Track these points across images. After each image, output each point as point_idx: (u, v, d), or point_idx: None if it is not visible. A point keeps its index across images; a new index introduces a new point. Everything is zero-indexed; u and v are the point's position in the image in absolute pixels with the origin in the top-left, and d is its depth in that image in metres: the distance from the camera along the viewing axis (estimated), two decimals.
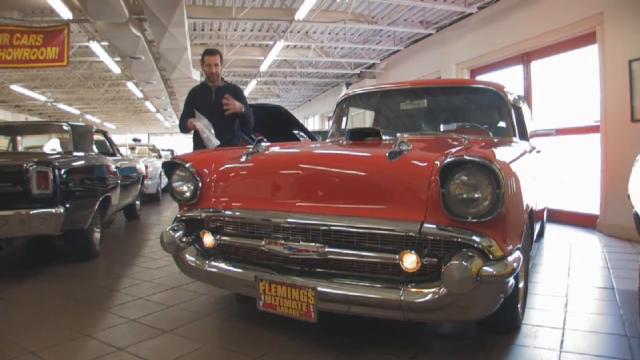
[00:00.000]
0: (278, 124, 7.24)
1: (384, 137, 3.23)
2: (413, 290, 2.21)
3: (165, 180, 11.12)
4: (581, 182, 6.87)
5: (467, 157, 2.12)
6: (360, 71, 13.86)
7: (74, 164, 4.65)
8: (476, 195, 2.14)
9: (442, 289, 2.14)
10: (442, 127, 4.01)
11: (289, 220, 2.43)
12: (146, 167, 9.06)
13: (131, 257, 5.22)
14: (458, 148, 2.42)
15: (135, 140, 15.11)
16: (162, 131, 30.51)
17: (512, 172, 2.36)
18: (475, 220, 2.14)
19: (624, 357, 2.54)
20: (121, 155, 7.60)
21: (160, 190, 11.63)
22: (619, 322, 3.02)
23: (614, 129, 5.69)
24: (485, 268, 2.07)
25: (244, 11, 7.88)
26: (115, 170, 5.97)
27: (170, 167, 3.06)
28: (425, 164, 2.31)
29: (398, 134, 3.45)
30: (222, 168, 2.92)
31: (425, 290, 2.19)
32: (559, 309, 3.28)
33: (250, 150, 2.94)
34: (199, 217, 2.86)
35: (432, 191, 2.23)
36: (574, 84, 6.88)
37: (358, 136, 3.29)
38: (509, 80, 8.17)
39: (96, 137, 6.15)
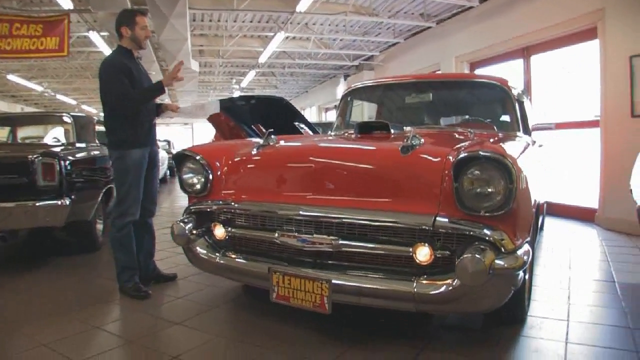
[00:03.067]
0: (279, 115, 7.25)
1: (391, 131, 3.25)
2: (426, 282, 2.25)
3: (162, 170, 11.10)
4: (579, 175, 6.93)
5: (482, 153, 2.16)
6: (359, 63, 13.83)
7: (78, 155, 4.66)
8: (489, 190, 2.17)
9: (455, 281, 2.18)
10: (446, 121, 4.05)
11: (304, 213, 2.46)
12: None
13: None
14: (471, 143, 2.45)
15: None
16: (158, 121, 30.18)
17: (522, 167, 2.40)
18: (487, 214, 2.18)
19: (629, 349, 2.59)
20: None
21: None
22: (621, 315, 3.07)
23: (614, 124, 5.73)
24: (497, 261, 2.12)
25: (245, 2, 7.85)
26: None
27: (181, 159, 3.07)
28: (439, 158, 2.34)
29: (406, 127, 3.49)
30: (234, 161, 2.94)
31: (439, 283, 2.23)
32: (563, 301, 3.33)
33: (261, 143, 2.95)
34: (210, 210, 2.88)
35: (444, 185, 2.26)
36: (574, 78, 6.92)
37: (367, 130, 3.32)
38: (509, 73, 8.20)
39: (97, 128, 6.13)
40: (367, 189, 2.46)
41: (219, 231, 2.84)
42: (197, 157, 2.96)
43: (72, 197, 4.17)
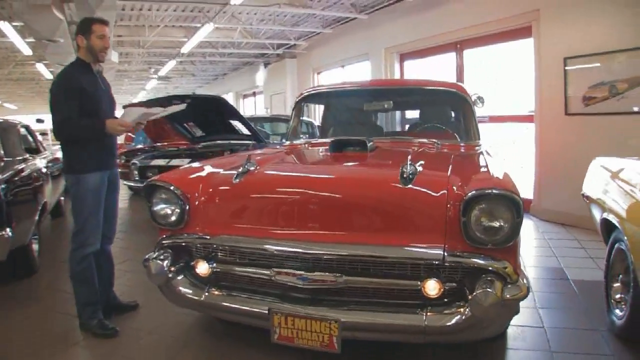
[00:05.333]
0: (216, 114, 6.98)
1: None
2: (436, 315, 2.24)
3: None
4: (511, 165, 7.31)
5: (495, 191, 2.17)
6: (283, 51, 13.60)
7: (12, 174, 4.12)
8: (497, 224, 2.19)
9: (465, 313, 2.19)
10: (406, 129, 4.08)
11: (305, 251, 2.34)
12: None
13: None
14: (474, 175, 2.48)
15: (39, 121, 13.96)
16: None
17: None
18: (494, 247, 2.20)
19: (606, 353, 2.78)
20: (44, 149, 6.89)
21: None
22: (587, 317, 3.29)
23: (549, 120, 6.07)
24: (506, 293, 2.15)
25: None
26: (46, 171, 5.46)
27: (151, 189, 2.81)
28: (442, 190, 2.31)
29: (375, 139, 3.46)
30: (213, 189, 2.73)
31: (448, 315, 2.23)
32: (531, 304, 3.48)
33: (241, 170, 2.77)
34: (191, 245, 2.67)
35: (449, 216, 2.25)
36: (508, 72, 7.23)
37: (341, 147, 3.25)
38: (440, 66, 8.44)
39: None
40: (368, 222, 2.40)
41: (203, 267, 2.64)
42: (171, 187, 2.72)
43: (12, 225, 3.72)
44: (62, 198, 7.64)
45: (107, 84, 3.39)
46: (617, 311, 3.01)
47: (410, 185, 2.35)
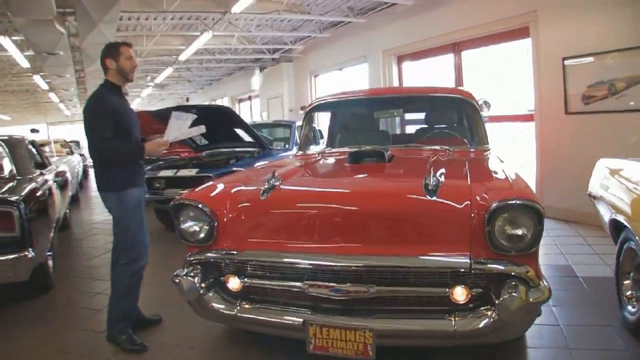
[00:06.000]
0: (221, 123, 7.07)
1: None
2: (464, 319, 2.34)
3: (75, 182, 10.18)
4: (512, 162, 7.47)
5: (518, 202, 2.28)
6: (279, 55, 13.66)
7: (29, 192, 4.17)
8: (521, 232, 2.31)
9: (492, 316, 2.29)
10: (417, 136, 4.19)
11: (337, 264, 2.43)
12: None
13: (87, 281, 4.82)
14: (494, 183, 2.59)
15: (33, 131, 13.96)
16: (62, 119, 27.89)
17: None
18: (518, 253, 2.32)
19: (619, 349, 2.91)
20: (49, 162, 6.94)
21: (78, 190, 10.87)
22: (599, 313, 3.39)
23: (549, 120, 6.20)
24: (530, 296, 2.27)
25: (175, 3, 7.45)
26: (55, 186, 5.52)
27: (178, 207, 2.89)
28: (467, 201, 2.41)
29: (389, 146, 3.56)
30: (240, 206, 2.82)
31: (476, 319, 2.33)
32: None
33: (267, 186, 2.85)
34: (221, 260, 2.75)
35: (474, 226, 2.36)
36: (506, 73, 7.35)
37: (359, 158, 3.35)
38: (438, 67, 8.55)
39: None
40: (396, 234, 2.50)
41: (234, 282, 2.71)
42: (199, 205, 2.81)
43: (34, 244, 3.77)
44: (68, 211, 7.69)
45: (129, 103, 3.50)
46: (630, 307, 3.12)
47: (435, 197, 2.46)
